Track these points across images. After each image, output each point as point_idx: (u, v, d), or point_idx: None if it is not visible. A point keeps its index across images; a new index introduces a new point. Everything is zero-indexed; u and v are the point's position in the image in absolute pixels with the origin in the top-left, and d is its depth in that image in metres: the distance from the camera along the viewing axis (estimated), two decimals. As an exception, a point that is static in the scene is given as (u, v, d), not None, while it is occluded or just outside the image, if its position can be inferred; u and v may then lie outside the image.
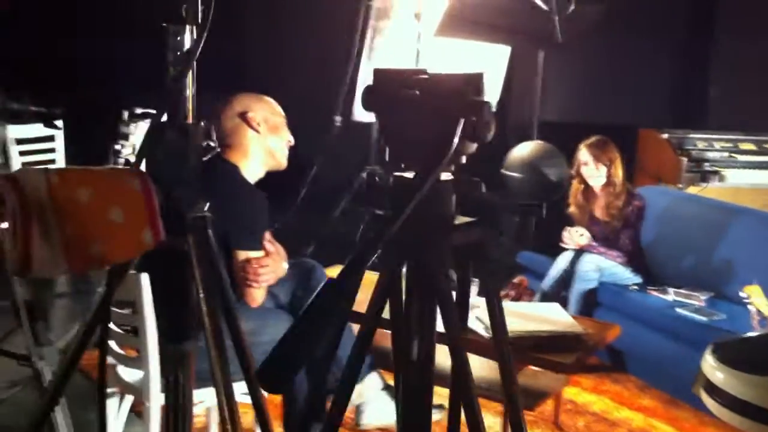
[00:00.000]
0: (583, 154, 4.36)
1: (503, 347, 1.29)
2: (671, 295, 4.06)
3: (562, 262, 4.32)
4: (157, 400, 2.47)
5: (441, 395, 1.54)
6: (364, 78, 5.02)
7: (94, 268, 1.36)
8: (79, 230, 1.31)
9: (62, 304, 4.16)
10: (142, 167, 1.44)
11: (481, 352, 3.22)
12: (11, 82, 2.62)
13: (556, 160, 5.10)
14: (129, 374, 2.66)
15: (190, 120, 1.51)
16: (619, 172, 4.30)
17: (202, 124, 1.54)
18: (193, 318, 1.57)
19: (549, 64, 6.04)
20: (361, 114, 5.09)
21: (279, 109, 2.81)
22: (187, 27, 1.47)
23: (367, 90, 1.01)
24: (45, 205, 1.30)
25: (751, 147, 5.66)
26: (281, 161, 2.79)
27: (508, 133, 6.65)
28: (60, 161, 5.66)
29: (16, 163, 5.37)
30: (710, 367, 2.47)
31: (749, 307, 3.42)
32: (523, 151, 5.19)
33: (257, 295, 2.65)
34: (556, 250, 4.63)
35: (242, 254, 2.55)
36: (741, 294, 3.45)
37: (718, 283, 4.19)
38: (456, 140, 0.92)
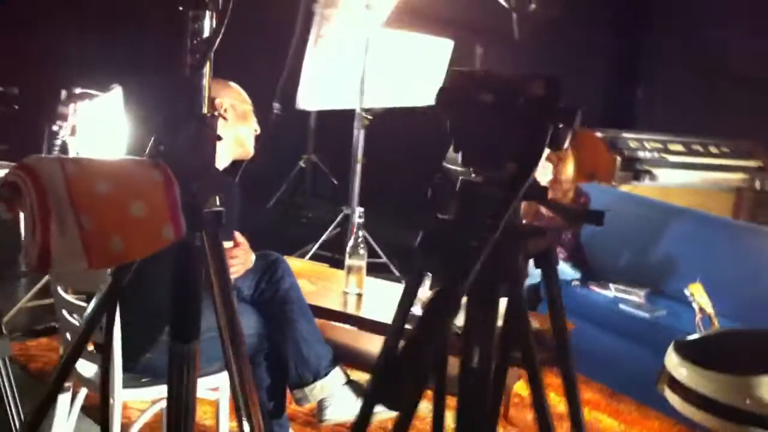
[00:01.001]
0: None
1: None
2: (612, 290, 4.15)
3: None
4: (120, 396, 2.38)
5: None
6: (311, 65, 4.96)
7: (113, 265, 1.29)
8: (99, 224, 1.24)
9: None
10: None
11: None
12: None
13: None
14: (86, 368, 2.55)
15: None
16: (567, 171, 4.36)
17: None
18: (200, 316, 1.51)
19: (485, 61, 6.10)
20: (305, 102, 5.02)
21: (246, 96, 2.73)
22: (207, 12, 1.41)
23: (441, 91, 0.98)
24: (62, 196, 1.22)
25: (680, 148, 5.84)
26: (249, 150, 2.72)
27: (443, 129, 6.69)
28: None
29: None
30: (674, 364, 2.53)
31: (693, 305, 3.52)
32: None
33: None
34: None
35: (211, 245, 2.47)
36: (685, 292, 3.54)
37: (655, 279, 4.31)
38: (546, 148, 0.90)
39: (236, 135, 2.66)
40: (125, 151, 4.22)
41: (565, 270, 4.36)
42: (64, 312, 2.47)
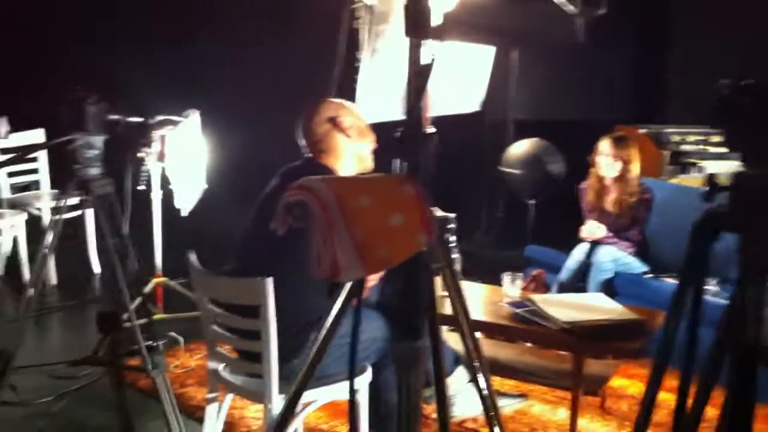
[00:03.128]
0: (604, 145, 4.52)
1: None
2: (686, 281, 4.29)
3: (578, 254, 4.51)
4: (277, 402, 2.52)
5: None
6: (366, 80, 5.10)
7: (379, 271, 1.43)
8: (368, 236, 1.38)
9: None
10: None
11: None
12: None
13: (556, 156, 5.32)
14: (234, 377, 2.70)
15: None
16: (634, 170, 4.50)
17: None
18: (423, 317, 1.64)
19: (520, 64, 6.23)
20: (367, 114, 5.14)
21: (361, 113, 2.88)
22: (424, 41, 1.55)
23: (720, 101, 1.12)
24: (336, 212, 1.37)
25: (719, 139, 5.97)
26: (369, 164, 2.87)
27: (483, 131, 6.85)
28: (45, 181, 5.56)
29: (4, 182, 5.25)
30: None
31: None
32: (522, 148, 5.39)
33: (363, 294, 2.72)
34: (563, 243, 4.82)
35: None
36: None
37: (720, 268, 4.44)
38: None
39: (358, 152, 2.81)
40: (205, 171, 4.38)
41: (634, 264, 4.50)
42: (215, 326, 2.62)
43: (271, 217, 2.74)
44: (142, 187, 4.07)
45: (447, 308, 1.68)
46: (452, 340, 3.20)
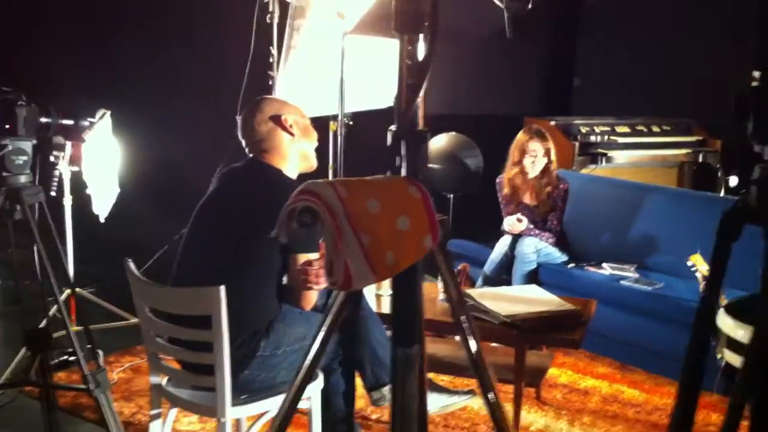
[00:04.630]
0: (534, 144, 4.55)
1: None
2: (607, 269, 4.40)
3: (501, 246, 4.54)
4: (230, 415, 2.41)
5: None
6: (284, 76, 4.99)
7: (388, 277, 1.36)
8: (376, 241, 1.31)
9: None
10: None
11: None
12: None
13: (474, 151, 5.34)
14: (179, 391, 2.56)
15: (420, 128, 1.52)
16: (555, 160, 4.57)
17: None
18: (420, 322, 1.58)
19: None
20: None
21: (304, 111, 2.79)
22: (421, 36, 1.49)
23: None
24: (342, 218, 1.29)
25: (626, 129, 6.17)
26: (313, 163, 2.78)
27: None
28: None
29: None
30: (730, 327, 2.74)
31: (696, 274, 3.78)
32: (441, 142, 5.39)
33: (313, 298, 2.64)
34: (484, 236, 4.86)
35: (302, 257, 2.53)
36: (687, 263, 3.80)
37: (637, 255, 4.58)
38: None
39: (302, 149, 2.72)
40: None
41: (555, 254, 4.58)
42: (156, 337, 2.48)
43: (214, 222, 2.63)
44: (52, 193, 3.84)
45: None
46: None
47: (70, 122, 2.50)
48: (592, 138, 5.93)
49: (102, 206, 3.90)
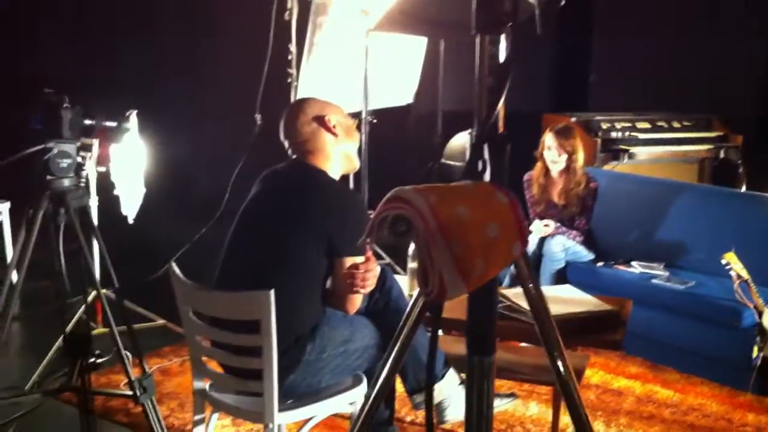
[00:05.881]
0: (549, 138, 4.52)
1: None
2: (637, 268, 4.35)
3: (529, 245, 4.49)
4: (277, 420, 2.37)
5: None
6: (306, 73, 4.94)
7: (478, 286, 1.31)
8: (466, 249, 1.27)
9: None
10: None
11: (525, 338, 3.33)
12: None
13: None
14: (223, 396, 2.53)
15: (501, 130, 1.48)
16: (579, 160, 4.52)
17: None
18: (494, 331, 1.55)
19: (447, 55, 6.20)
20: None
21: (346, 112, 2.75)
22: (503, 35, 1.45)
23: None
24: (433, 226, 1.25)
25: (646, 125, 6.12)
26: (356, 164, 2.74)
27: (411, 123, 6.78)
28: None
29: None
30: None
31: (731, 273, 3.74)
32: (463, 140, 5.34)
33: (358, 302, 2.60)
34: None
35: (349, 260, 2.49)
36: (722, 261, 3.77)
37: (666, 254, 4.54)
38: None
39: (345, 150, 2.67)
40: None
41: (582, 253, 4.53)
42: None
43: (260, 225, 2.59)
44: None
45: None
46: (441, 342, 3.12)
47: (113, 124, 2.46)
48: (613, 134, 5.87)
49: (130, 206, 3.86)
